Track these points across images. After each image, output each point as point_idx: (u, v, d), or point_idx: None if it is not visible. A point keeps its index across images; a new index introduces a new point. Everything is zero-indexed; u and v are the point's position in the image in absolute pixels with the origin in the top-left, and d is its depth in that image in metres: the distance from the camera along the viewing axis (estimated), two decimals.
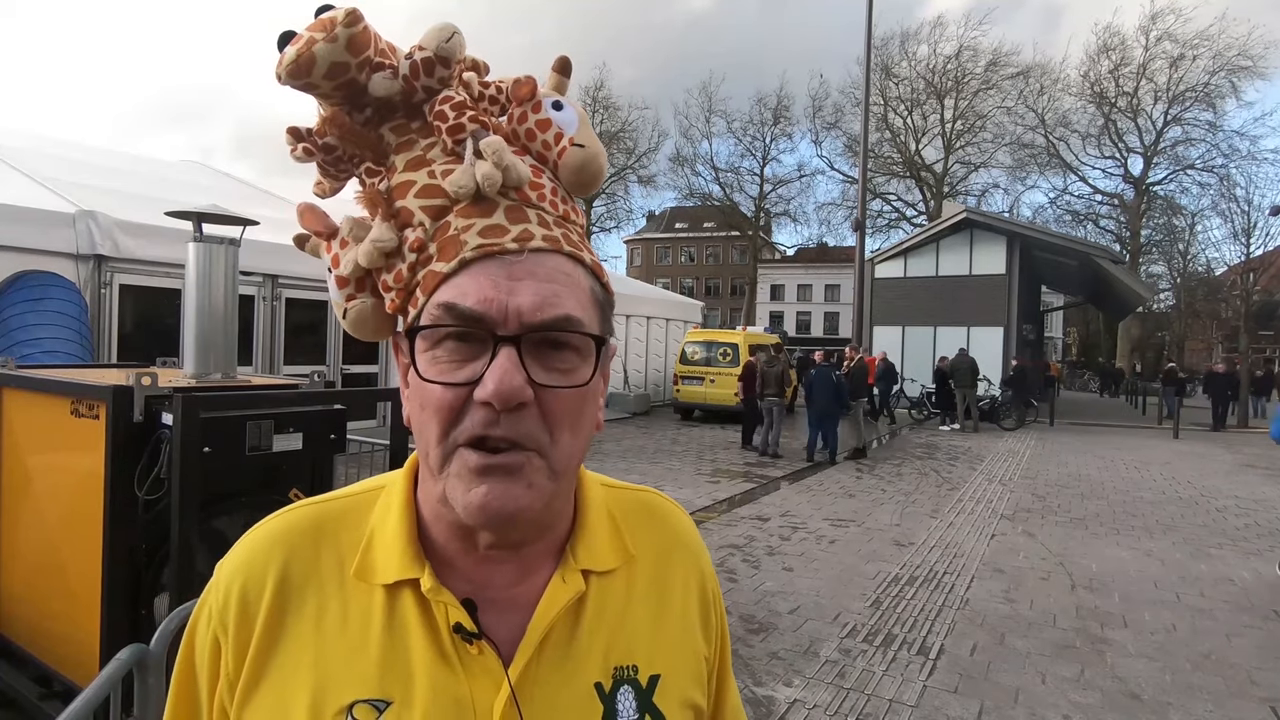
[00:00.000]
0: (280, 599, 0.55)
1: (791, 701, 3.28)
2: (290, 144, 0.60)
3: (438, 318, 0.51)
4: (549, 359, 0.51)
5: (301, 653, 0.53)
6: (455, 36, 0.57)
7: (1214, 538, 6.50)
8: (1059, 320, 48.34)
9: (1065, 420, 17.44)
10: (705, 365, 14.79)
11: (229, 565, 0.57)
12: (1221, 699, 3.45)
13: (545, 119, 0.59)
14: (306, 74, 0.54)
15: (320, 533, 0.58)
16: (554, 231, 0.54)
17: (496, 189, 0.53)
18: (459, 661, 0.53)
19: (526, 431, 0.50)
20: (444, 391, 0.50)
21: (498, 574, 0.56)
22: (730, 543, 5.89)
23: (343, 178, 0.63)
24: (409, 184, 0.56)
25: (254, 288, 8.14)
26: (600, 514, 0.62)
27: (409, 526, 0.56)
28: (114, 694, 1.44)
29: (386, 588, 0.54)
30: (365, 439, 4.34)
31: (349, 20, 0.53)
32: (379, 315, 0.58)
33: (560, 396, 0.51)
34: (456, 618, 0.53)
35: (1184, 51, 30.58)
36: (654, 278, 51.82)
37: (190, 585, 2.17)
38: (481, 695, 0.52)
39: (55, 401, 2.53)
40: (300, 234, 0.61)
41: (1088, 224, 34.45)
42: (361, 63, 0.55)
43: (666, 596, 0.63)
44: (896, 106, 34.19)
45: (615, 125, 34.54)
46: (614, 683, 0.57)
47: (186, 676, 0.59)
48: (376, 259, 0.54)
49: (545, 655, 0.55)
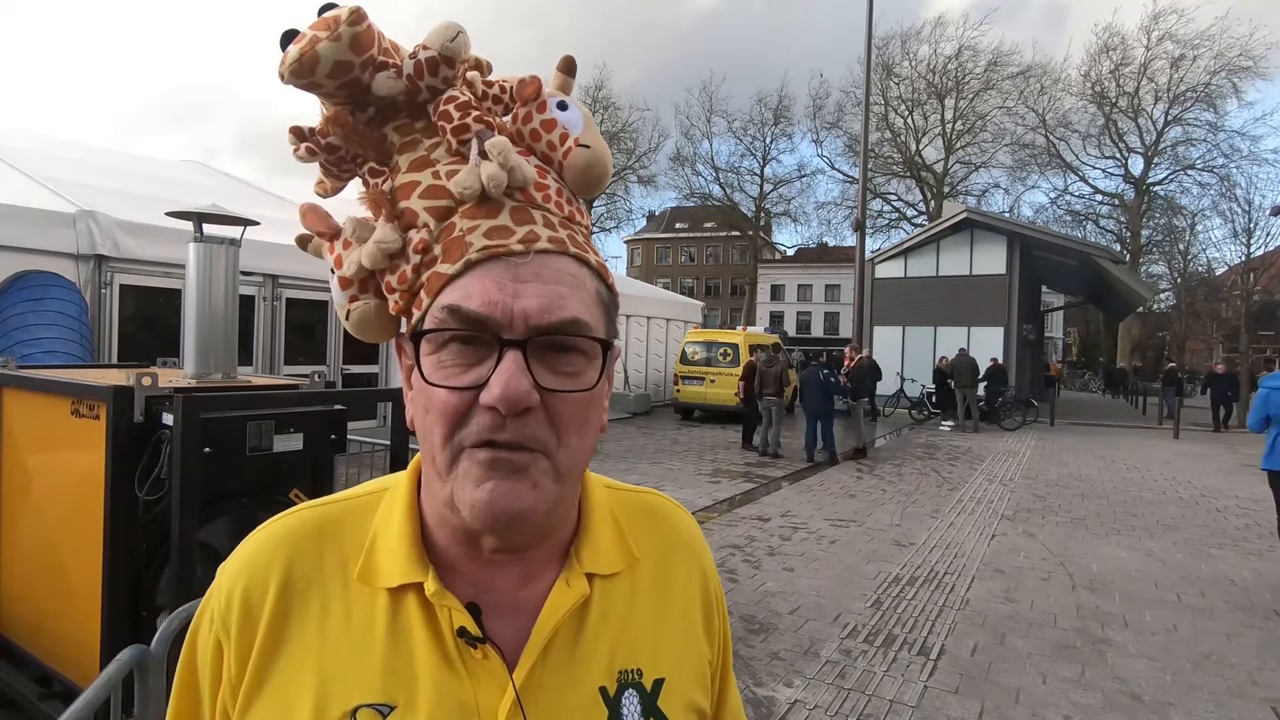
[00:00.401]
0: (283, 602, 0.54)
1: (792, 702, 3.28)
2: (293, 143, 0.60)
3: (442, 320, 0.50)
4: (555, 362, 0.51)
5: (305, 656, 0.53)
6: (460, 36, 0.56)
7: (1214, 538, 6.50)
8: (1059, 320, 48.34)
9: (1065, 420, 17.43)
10: (705, 365, 14.79)
11: (231, 568, 0.57)
12: (1222, 699, 3.45)
13: (550, 119, 0.58)
14: (310, 73, 0.53)
15: (323, 535, 0.57)
16: (560, 233, 0.54)
17: (502, 190, 0.52)
18: (463, 666, 0.52)
19: (533, 434, 0.49)
20: (449, 395, 0.50)
21: (501, 577, 0.56)
22: (731, 543, 5.89)
23: (345, 178, 0.62)
24: (413, 184, 0.55)
25: (254, 288, 8.14)
26: (604, 517, 0.62)
27: (413, 530, 0.56)
28: (114, 695, 1.44)
29: (390, 591, 0.54)
30: (366, 439, 4.34)
31: (353, 19, 0.53)
32: (382, 317, 0.57)
33: (566, 400, 0.51)
34: (460, 622, 0.53)
35: (1185, 51, 30.61)
36: (654, 278, 51.82)
37: (191, 586, 2.17)
38: (486, 700, 0.52)
39: (55, 402, 2.53)
40: (303, 234, 0.61)
41: (1088, 224, 34.47)
42: (365, 62, 0.55)
43: (670, 599, 0.63)
44: (897, 106, 34.19)
45: (616, 125, 34.55)
46: (618, 686, 0.56)
47: (188, 680, 0.58)
48: (380, 260, 0.54)
49: (550, 659, 0.55)
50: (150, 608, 2.35)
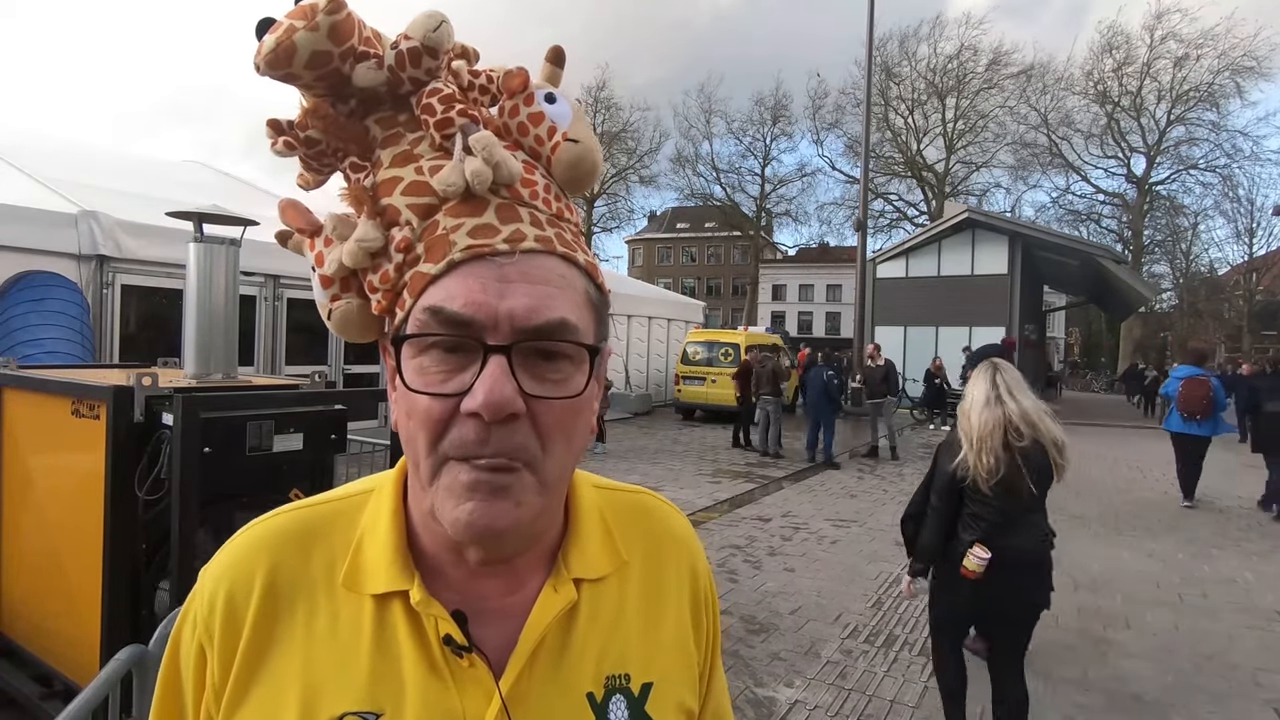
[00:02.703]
0: (268, 606, 0.53)
1: (793, 702, 3.28)
2: (271, 137, 0.58)
3: (424, 323, 0.49)
4: (541, 369, 0.49)
5: (290, 662, 0.52)
6: (443, 25, 0.54)
7: (1216, 538, 6.48)
8: (1061, 320, 48.24)
9: (1066, 420, 17.21)
10: (706, 365, 14.78)
11: (214, 571, 0.56)
12: (1224, 700, 3.44)
13: (538, 112, 0.56)
14: (287, 64, 0.51)
15: (309, 537, 0.56)
16: (547, 231, 0.52)
17: (487, 186, 0.51)
18: (449, 674, 0.52)
19: (518, 444, 0.48)
20: (431, 403, 0.48)
21: (488, 584, 0.55)
22: (731, 543, 5.88)
23: (326, 172, 0.60)
24: (395, 180, 0.53)
25: (255, 288, 8.14)
26: (592, 519, 0.61)
27: (398, 535, 0.55)
28: (112, 695, 1.44)
29: (376, 598, 0.53)
30: (366, 439, 4.34)
31: (331, 7, 0.51)
32: (365, 316, 0.56)
33: (553, 407, 0.49)
34: (446, 630, 0.52)
35: (1189, 51, 30.57)
36: (655, 278, 51.76)
37: (190, 586, 2.16)
38: (473, 707, 0.51)
39: (56, 402, 2.53)
40: (283, 230, 0.59)
41: (1090, 224, 34.46)
42: (345, 52, 0.53)
43: (659, 600, 0.62)
44: (898, 106, 34.17)
45: (617, 125, 34.55)
46: (605, 692, 0.56)
47: (171, 686, 0.57)
48: (362, 259, 0.52)
49: (537, 666, 0.54)
50: (150, 607, 2.35)
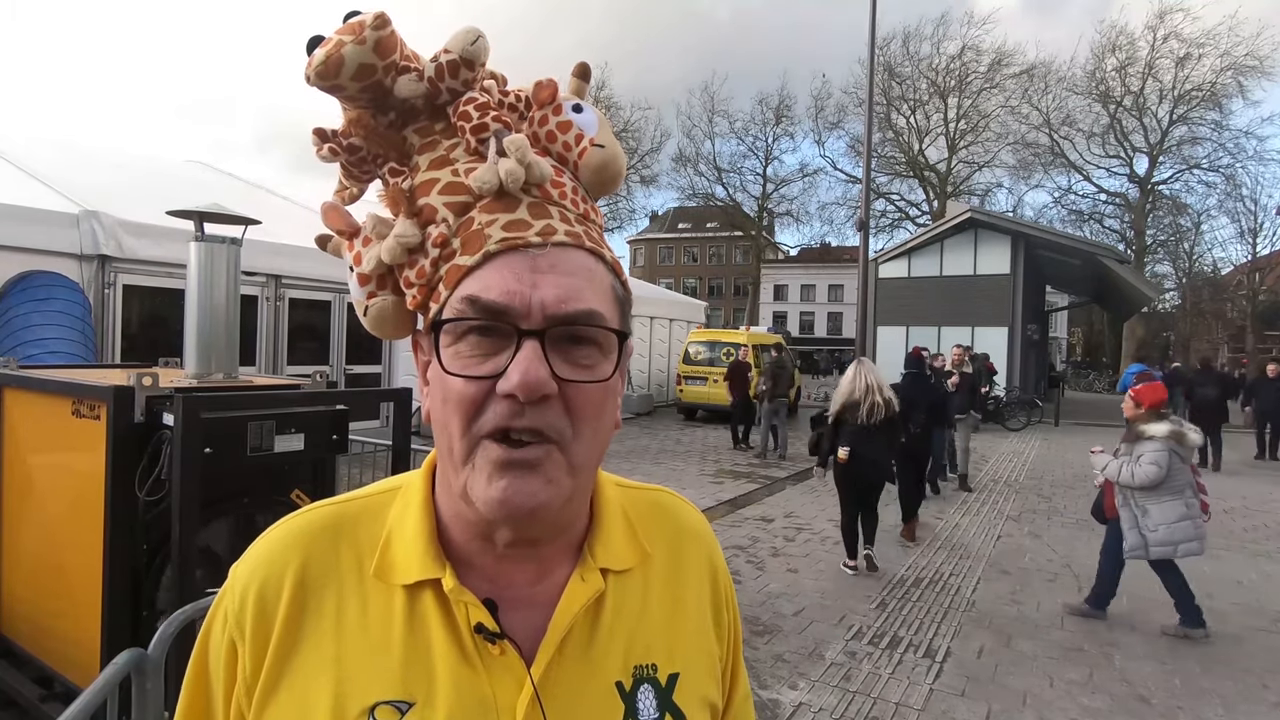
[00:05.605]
0: (299, 599, 0.55)
1: (797, 705, 3.26)
2: (316, 144, 0.62)
3: (461, 311, 0.52)
4: (572, 354, 0.52)
5: (322, 653, 0.53)
6: (480, 40, 0.58)
7: (1221, 539, 6.44)
8: (1064, 320, 48.15)
9: (1070, 420, 17.36)
10: (708, 365, 14.77)
11: (245, 567, 0.57)
12: (1232, 703, 3.41)
13: (566, 120, 0.60)
14: (335, 75, 0.55)
15: (338, 532, 0.58)
16: (576, 228, 0.55)
17: (519, 185, 0.54)
18: (481, 661, 0.53)
19: (550, 423, 0.50)
20: (466, 385, 0.50)
21: (517, 573, 0.56)
22: (734, 544, 5.86)
23: (366, 179, 0.64)
24: (432, 182, 0.57)
25: (257, 288, 8.14)
26: (616, 514, 0.63)
27: (429, 526, 0.57)
28: (111, 699, 1.42)
29: (407, 588, 0.55)
30: (367, 439, 4.33)
31: (377, 23, 0.55)
32: (399, 312, 0.59)
33: (583, 391, 0.52)
34: (478, 618, 0.53)
35: (1191, 50, 30.46)
36: (657, 278, 51.80)
37: (191, 587, 2.16)
38: (504, 695, 0.52)
39: (57, 402, 2.52)
40: (323, 234, 0.63)
41: (1092, 223, 34.34)
42: (388, 65, 0.57)
43: (681, 594, 0.64)
44: (900, 106, 34.11)
45: (617, 125, 34.51)
46: (634, 681, 0.57)
47: (199, 680, 0.58)
48: (399, 255, 0.55)
49: (566, 654, 0.55)
50: (151, 609, 2.34)
